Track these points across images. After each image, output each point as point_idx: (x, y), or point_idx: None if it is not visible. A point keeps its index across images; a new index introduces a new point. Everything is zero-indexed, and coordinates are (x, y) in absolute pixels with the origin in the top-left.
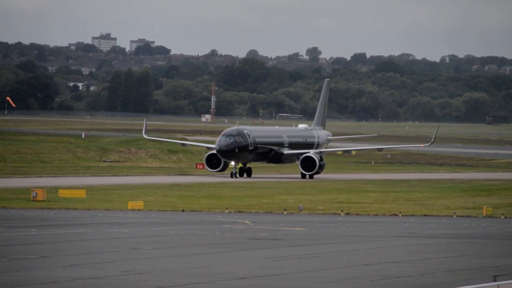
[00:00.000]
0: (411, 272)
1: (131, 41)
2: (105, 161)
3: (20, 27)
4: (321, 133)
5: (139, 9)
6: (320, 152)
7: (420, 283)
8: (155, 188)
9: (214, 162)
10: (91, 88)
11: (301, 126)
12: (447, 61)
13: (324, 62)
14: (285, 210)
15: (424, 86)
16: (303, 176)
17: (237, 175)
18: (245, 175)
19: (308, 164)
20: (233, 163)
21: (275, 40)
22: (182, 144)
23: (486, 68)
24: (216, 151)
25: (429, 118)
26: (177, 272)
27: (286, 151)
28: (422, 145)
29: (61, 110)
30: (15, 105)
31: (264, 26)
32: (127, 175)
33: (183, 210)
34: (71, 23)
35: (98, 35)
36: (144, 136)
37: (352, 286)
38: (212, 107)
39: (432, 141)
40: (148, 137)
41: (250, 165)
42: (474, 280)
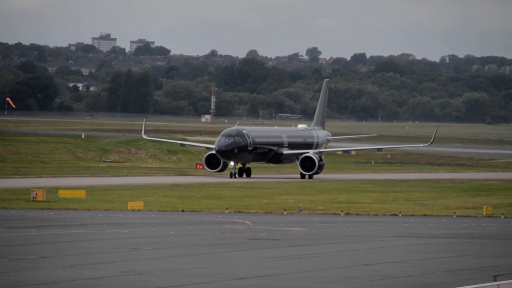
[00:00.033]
0: (411, 272)
1: (131, 42)
2: (105, 162)
3: (20, 28)
4: (320, 133)
5: (139, 10)
6: (320, 152)
7: (420, 283)
8: (155, 188)
9: (213, 162)
10: (91, 89)
11: (301, 126)
12: (447, 61)
13: (324, 62)
14: (285, 210)
15: (424, 86)
16: (303, 176)
17: (236, 176)
18: (244, 176)
19: (308, 164)
20: (232, 163)
21: (275, 40)
22: (182, 145)
23: (486, 68)
24: (215, 152)
25: (429, 118)
26: (177, 273)
27: (286, 151)
28: (421, 145)
29: (61, 110)
30: (15, 106)
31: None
32: (127, 176)
33: (183, 211)
34: (71, 23)
35: (98, 35)
36: (144, 137)
37: (352, 286)
38: (212, 108)
39: (431, 141)
40: (147, 137)
41: (249, 165)
42: (474, 280)
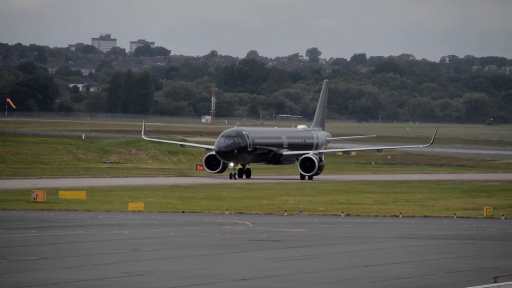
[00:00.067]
0: (412, 273)
1: (131, 42)
2: (105, 163)
3: (20, 28)
4: (320, 134)
5: (139, 10)
6: (320, 153)
7: (421, 284)
8: (156, 189)
9: (213, 163)
10: (91, 89)
11: (300, 127)
12: (447, 62)
13: (324, 62)
14: (286, 211)
15: (424, 86)
16: (302, 177)
17: (236, 176)
18: (244, 176)
19: (307, 165)
20: (232, 164)
21: (275, 40)
22: (181, 145)
23: (486, 68)
24: (215, 152)
25: (429, 118)
26: (177, 274)
27: (285, 152)
28: (421, 145)
29: (61, 111)
30: (15, 107)
31: (264, 26)
32: (127, 177)
33: (183, 212)
34: (71, 24)
35: (98, 36)
36: (143, 137)
37: (352, 287)
38: (212, 108)
39: (431, 142)
40: (147, 138)
41: (249, 166)
42: (475, 281)
